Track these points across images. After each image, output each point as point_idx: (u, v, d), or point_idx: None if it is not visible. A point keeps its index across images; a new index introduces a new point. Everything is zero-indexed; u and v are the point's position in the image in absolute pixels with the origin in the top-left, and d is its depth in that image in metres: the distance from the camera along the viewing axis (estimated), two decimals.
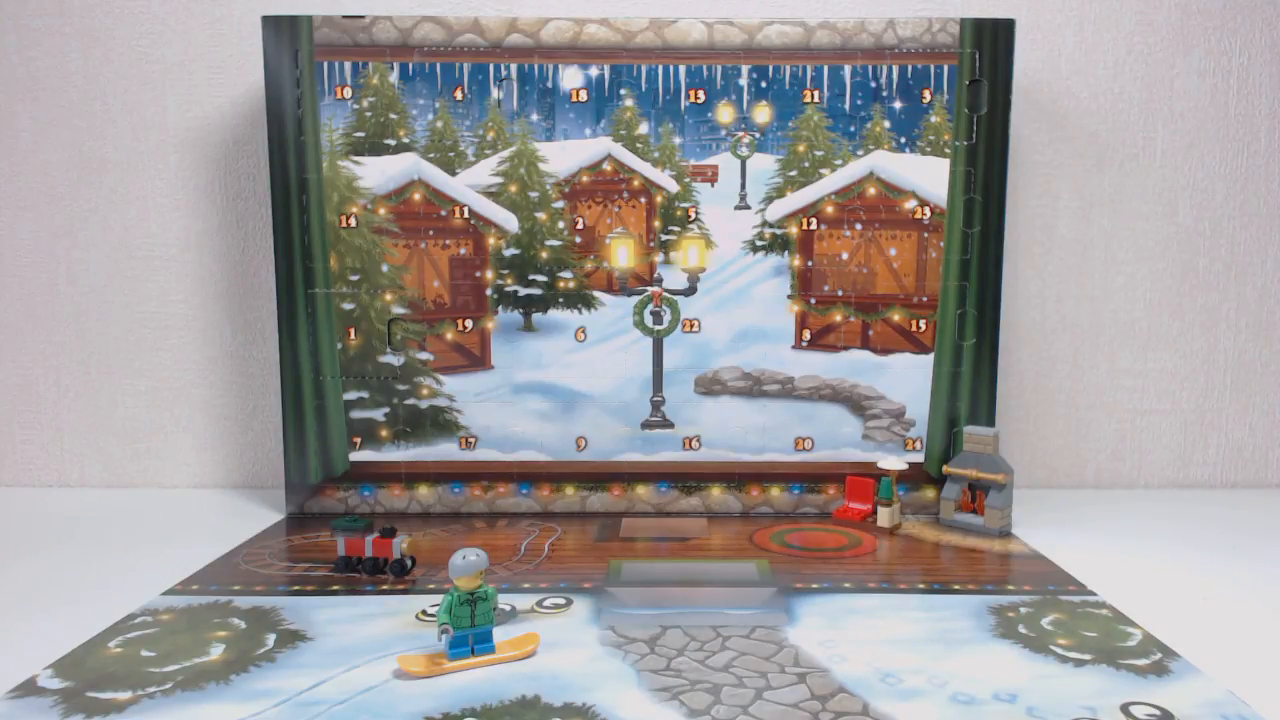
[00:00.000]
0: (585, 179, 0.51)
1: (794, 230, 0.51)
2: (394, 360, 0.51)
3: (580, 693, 0.30)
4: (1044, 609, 0.37)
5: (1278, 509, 0.55)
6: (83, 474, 0.60)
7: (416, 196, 0.51)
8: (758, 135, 0.50)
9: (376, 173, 0.50)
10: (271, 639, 0.34)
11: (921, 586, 0.40)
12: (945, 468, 0.50)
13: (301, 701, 0.29)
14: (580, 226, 0.51)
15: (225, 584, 0.40)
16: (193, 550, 0.44)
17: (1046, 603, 0.38)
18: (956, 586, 0.40)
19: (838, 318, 0.51)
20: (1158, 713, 0.29)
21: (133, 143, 0.57)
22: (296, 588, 0.40)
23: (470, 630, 0.32)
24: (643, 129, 0.50)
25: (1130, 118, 0.57)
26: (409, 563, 0.41)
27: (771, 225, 0.51)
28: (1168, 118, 0.57)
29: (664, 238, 0.51)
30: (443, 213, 0.51)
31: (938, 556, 0.45)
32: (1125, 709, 0.29)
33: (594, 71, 0.49)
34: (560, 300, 0.51)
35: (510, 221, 0.51)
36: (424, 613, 0.37)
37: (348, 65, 0.50)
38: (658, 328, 0.51)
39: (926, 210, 0.50)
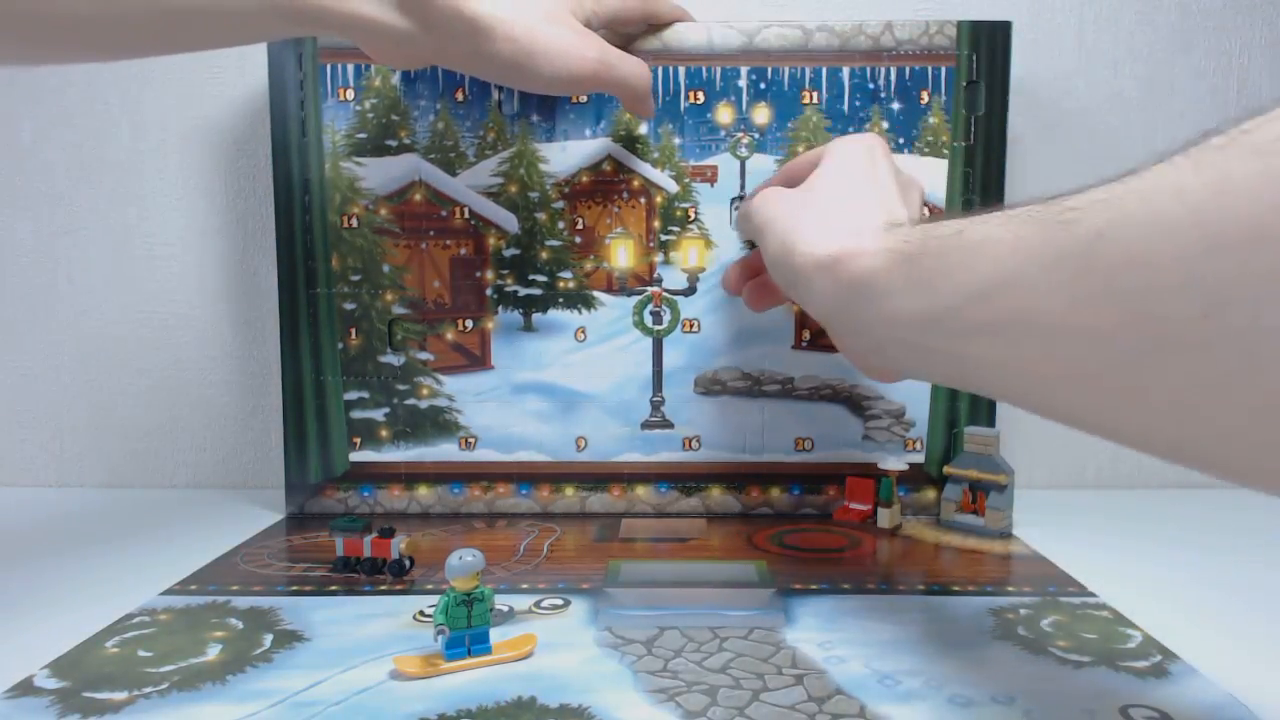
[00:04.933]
0: (585, 179, 0.51)
1: None
2: (394, 360, 0.51)
3: (576, 694, 0.30)
4: (1044, 610, 0.37)
5: (1278, 509, 0.55)
6: (82, 474, 0.60)
7: (417, 197, 0.51)
8: (757, 136, 0.50)
9: (378, 173, 0.50)
10: (269, 639, 0.34)
11: (921, 588, 0.40)
12: (946, 469, 0.50)
13: (297, 702, 0.29)
14: (580, 227, 0.51)
15: (224, 584, 0.40)
16: (191, 550, 0.44)
17: (1046, 604, 0.38)
18: (956, 588, 0.40)
19: None
20: (1157, 715, 0.29)
21: (133, 143, 0.58)
22: (295, 588, 0.40)
23: (467, 631, 0.32)
24: (642, 129, 0.50)
25: (1130, 118, 0.57)
26: (407, 563, 0.41)
27: None
28: (1168, 118, 0.57)
29: (664, 238, 0.51)
30: (443, 213, 0.51)
31: (938, 558, 0.45)
32: (1124, 711, 0.29)
33: None
34: (560, 300, 0.51)
35: (510, 222, 0.51)
36: (421, 613, 0.37)
37: (350, 67, 0.50)
38: (657, 328, 0.51)
39: (925, 210, 0.50)
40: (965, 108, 0.50)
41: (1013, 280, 0.22)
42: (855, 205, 0.33)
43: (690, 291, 0.51)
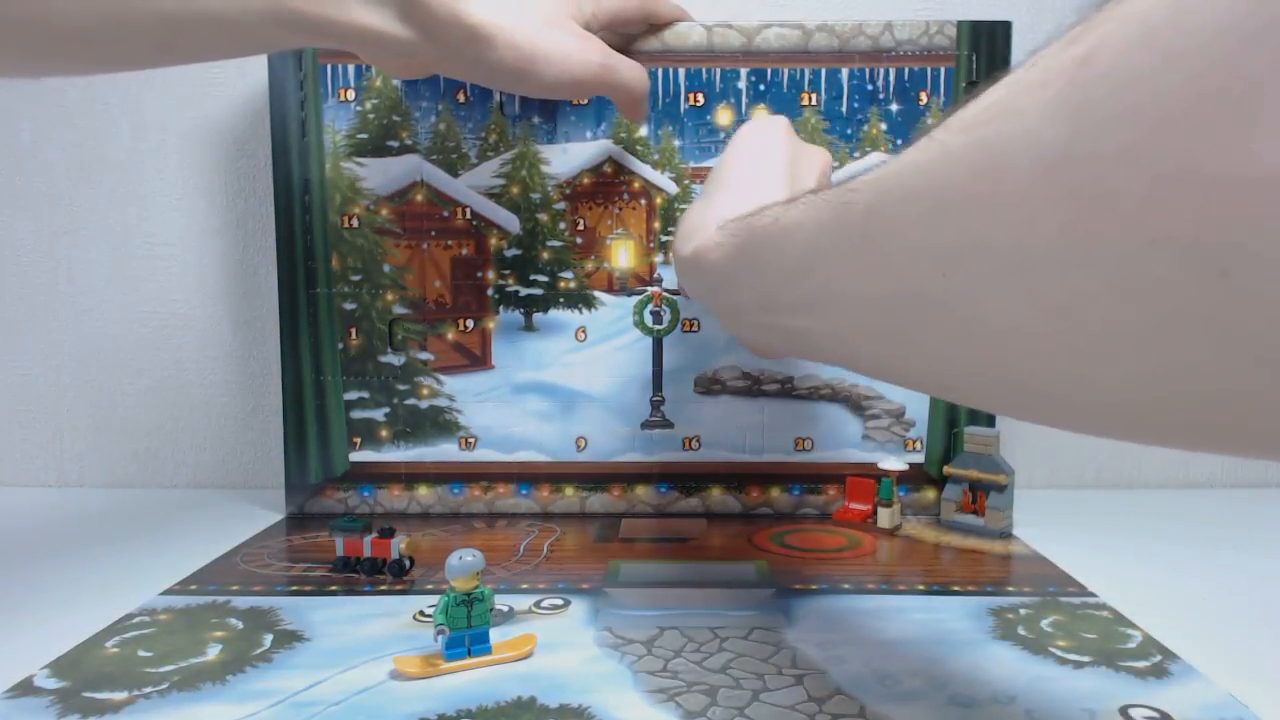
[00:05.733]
0: (586, 181, 0.51)
1: None
2: (395, 360, 0.51)
3: (576, 694, 0.30)
4: (1044, 610, 0.37)
5: (1278, 509, 0.55)
6: (82, 474, 0.60)
7: (419, 198, 0.51)
8: None
9: (379, 174, 0.50)
10: (269, 639, 0.34)
11: (921, 588, 0.40)
12: (946, 469, 0.50)
13: (297, 702, 0.29)
14: (581, 227, 0.51)
15: (224, 584, 0.40)
16: (191, 550, 0.44)
17: (1046, 604, 0.38)
18: (956, 588, 0.40)
19: None
20: (1157, 715, 0.29)
21: (133, 143, 0.58)
22: (295, 588, 0.40)
23: (467, 631, 0.32)
24: (642, 131, 0.50)
25: None
26: (407, 563, 0.41)
27: None
28: None
29: (664, 239, 0.51)
30: (445, 214, 0.51)
31: (938, 558, 0.45)
32: (1124, 711, 0.29)
33: None
34: (561, 300, 0.51)
35: (512, 222, 0.51)
36: (421, 613, 0.37)
37: (351, 68, 0.50)
38: (657, 327, 0.51)
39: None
40: None
41: (814, 259, 0.25)
42: (716, 200, 0.35)
43: None
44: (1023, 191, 0.16)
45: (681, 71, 0.50)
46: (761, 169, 0.36)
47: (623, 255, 0.51)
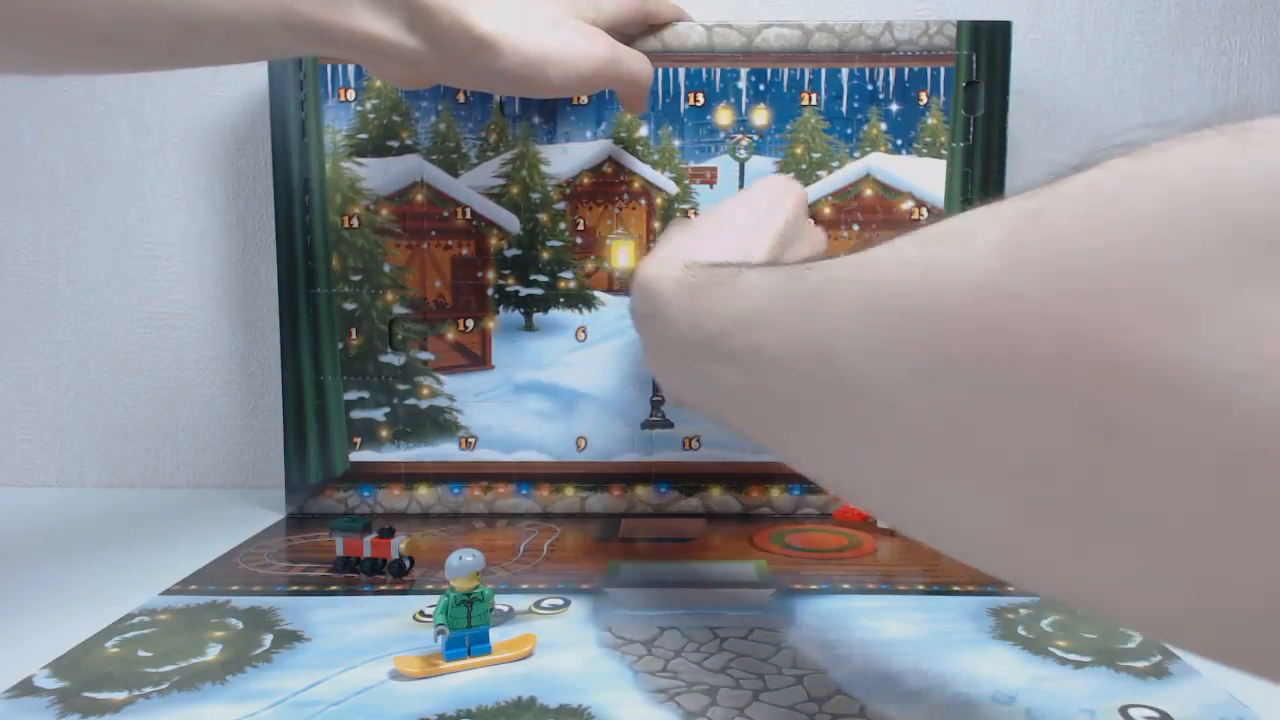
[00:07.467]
0: (586, 181, 0.51)
1: None
2: (395, 360, 0.51)
3: (576, 694, 0.30)
4: (1044, 610, 0.37)
5: None
6: (82, 474, 0.60)
7: (419, 198, 0.51)
8: (756, 138, 0.50)
9: (379, 174, 0.50)
10: (269, 639, 0.34)
11: (921, 588, 0.40)
12: None
13: (297, 702, 0.29)
14: (581, 228, 0.51)
15: (223, 584, 0.40)
16: (192, 550, 0.44)
17: (1046, 604, 0.38)
18: (956, 588, 0.40)
19: None
20: (1157, 715, 0.29)
21: (133, 142, 0.58)
22: (295, 588, 0.40)
23: (467, 631, 0.32)
24: (642, 131, 0.50)
25: (1130, 118, 0.57)
26: (407, 563, 0.41)
27: None
28: (1167, 118, 0.57)
29: None
30: (445, 214, 0.51)
31: (938, 557, 0.45)
32: (1124, 711, 0.29)
33: None
34: (561, 300, 0.51)
35: (512, 222, 0.51)
36: (421, 613, 0.37)
37: (351, 68, 0.50)
38: None
39: (924, 211, 0.50)
40: (964, 108, 0.50)
41: (756, 319, 0.26)
42: (694, 240, 0.36)
43: None
44: (951, 312, 0.18)
45: (681, 71, 0.50)
46: (760, 228, 0.37)
47: (623, 255, 0.51)
